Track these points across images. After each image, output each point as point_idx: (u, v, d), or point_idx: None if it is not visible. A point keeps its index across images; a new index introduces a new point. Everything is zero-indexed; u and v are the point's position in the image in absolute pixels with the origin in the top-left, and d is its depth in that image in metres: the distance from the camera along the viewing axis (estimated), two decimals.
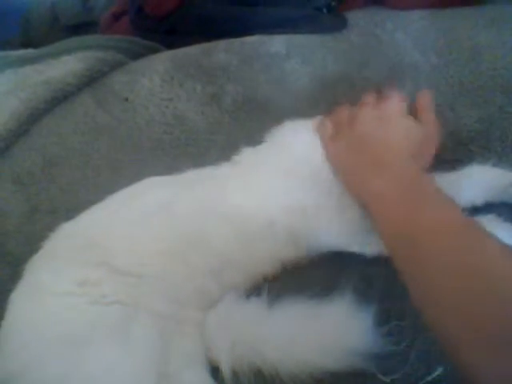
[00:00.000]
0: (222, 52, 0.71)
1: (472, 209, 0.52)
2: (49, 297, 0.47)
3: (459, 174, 0.53)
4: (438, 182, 0.46)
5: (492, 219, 0.49)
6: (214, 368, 0.48)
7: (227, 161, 0.57)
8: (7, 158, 0.69)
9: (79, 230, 0.53)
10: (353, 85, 0.64)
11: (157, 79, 0.70)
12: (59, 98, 0.72)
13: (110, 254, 0.49)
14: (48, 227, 0.53)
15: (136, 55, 0.77)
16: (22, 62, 0.76)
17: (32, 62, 0.76)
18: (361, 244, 0.51)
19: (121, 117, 0.69)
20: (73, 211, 0.55)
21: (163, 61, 0.73)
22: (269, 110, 0.65)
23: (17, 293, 0.48)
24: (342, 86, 0.64)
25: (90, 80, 0.74)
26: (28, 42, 1.00)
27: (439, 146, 0.53)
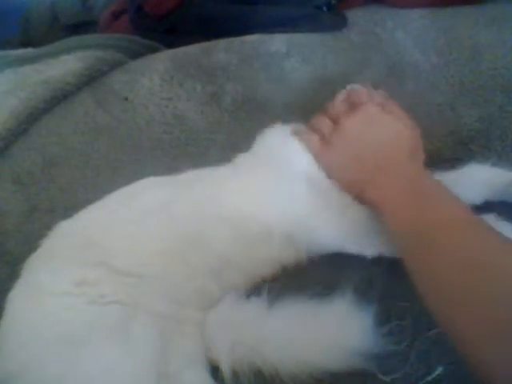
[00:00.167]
0: (222, 51, 0.71)
1: (472, 208, 0.51)
2: (47, 297, 0.46)
3: (459, 173, 0.53)
4: None
5: (492, 218, 0.49)
6: (214, 368, 0.48)
7: (227, 161, 0.57)
8: (7, 158, 0.69)
9: (77, 229, 0.53)
10: None
11: (156, 79, 0.70)
12: (59, 98, 0.72)
13: (109, 254, 0.49)
14: (47, 226, 0.53)
15: (136, 54, 0.77)
16: (22, 62, 0.76)
17: (31, 62, 0.76)
18: (360, 245, 0.51)
19: (120, 116, 0.69)
20: (72, 210, 0.54)
21: (163, 60, 0.72)
22: (269, 110, 0.65)
23: (15, 292, 0.48)
24: (342, 86, 0.64)
25: (90, 79, 0.73)
26: (28, 42, 1.00)
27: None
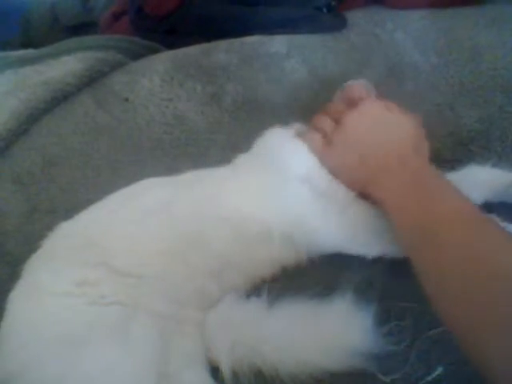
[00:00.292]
0: (222, 52, 0.71)
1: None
2: (47, 297, 0.46)
3: (459, 174, 0.52)
4: None
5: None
6: (214, 368, 0.48)
7: (227, 161, 0.57)
8: (7, 158, 0.69)
9: (78, 230, 0.52)
10: None
11: (157, 79, 0.70)
12: (59, 99, 0.72)
13: (109, 254, 0.49)
14: (47, 227, 0.53)
15: (136, 55, 0.77)
16: (22, 63, 0.76)
17: (32, 63, 0.76)
18: (360, 246, 0.51)
19: (121, 117, 0.69)
20: (72, 211, 0.54)
21: (163, 61, 0.73)
22: (269, 110, 0.65)
23: (15, 293, 0.48)
24: (342, 86, 0.64)
25: (90, 80, 0.74)
26: (28, 43, 1.00)
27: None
